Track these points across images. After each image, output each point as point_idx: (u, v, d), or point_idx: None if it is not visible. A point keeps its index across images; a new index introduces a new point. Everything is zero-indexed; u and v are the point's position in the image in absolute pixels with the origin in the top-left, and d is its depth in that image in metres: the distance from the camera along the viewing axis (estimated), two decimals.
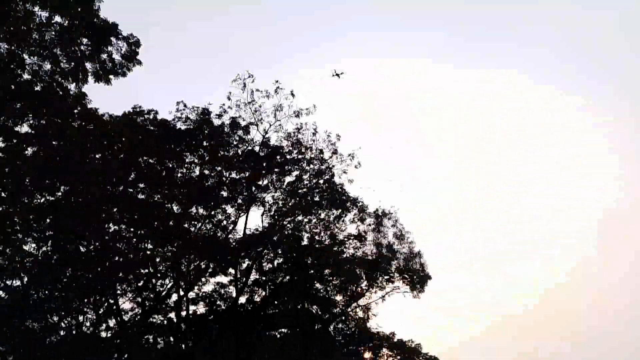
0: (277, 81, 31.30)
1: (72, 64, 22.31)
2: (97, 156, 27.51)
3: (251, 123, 31.60)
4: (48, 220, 26.04)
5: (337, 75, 35.21)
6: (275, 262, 32.79)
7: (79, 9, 20.61)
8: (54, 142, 25.85)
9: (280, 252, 32.13)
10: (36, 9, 20.37)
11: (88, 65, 22.60)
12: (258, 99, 31.41)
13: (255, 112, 31.52)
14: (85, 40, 21.72)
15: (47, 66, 22.35)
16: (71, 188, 26.65)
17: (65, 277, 26.37)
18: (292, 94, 31.47)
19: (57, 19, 21.08)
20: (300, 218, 32.67)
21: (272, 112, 31.62)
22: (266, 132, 32.01)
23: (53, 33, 21.20)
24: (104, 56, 22.39)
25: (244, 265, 32.12)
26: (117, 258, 27.69)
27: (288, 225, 32.53)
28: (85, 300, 27.54)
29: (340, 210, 32.90)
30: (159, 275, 29.66)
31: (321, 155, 32.73)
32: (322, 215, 32.91)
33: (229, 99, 31.06)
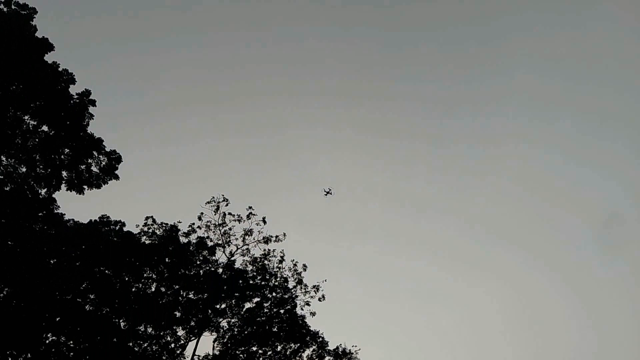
0: (250, 207, 31.76)
1: (49, 170, 22.33)
2: (51, 261, 26.29)
3: (218, 244, 31.30)
4: None
5: (329, 193, 36.30)
6: None
7: (67, 122, 21.13)
8: (9, 242, 24.85)
9: None
10: (26, 117, 20.83)
11: (64, 173, 22.66)
12: (229, 222, 31.57)
13: (224, 235, 31.44)
14: (67, 150, 21.99)
15: (23, 169, 22.30)
16: (16, 289, 25.05)
17: None
18: (264, 221, 31.80)
19: (44, 128, 21.51)
20: (254, 349, 30.97)
21: (242, 236, 31.68)
22: (232, 255, 31.61)
23: (37, 140, 21.46)
24: (82, 167, 22.56)
25: None
26: None
27: (241, 355, 30.67)
28: None
29: (298, 345, 31.45)
30: None
31: (285, 284, 32.13)
32: (279, 348, 31.31)
33: (199, 219, 31.12)
